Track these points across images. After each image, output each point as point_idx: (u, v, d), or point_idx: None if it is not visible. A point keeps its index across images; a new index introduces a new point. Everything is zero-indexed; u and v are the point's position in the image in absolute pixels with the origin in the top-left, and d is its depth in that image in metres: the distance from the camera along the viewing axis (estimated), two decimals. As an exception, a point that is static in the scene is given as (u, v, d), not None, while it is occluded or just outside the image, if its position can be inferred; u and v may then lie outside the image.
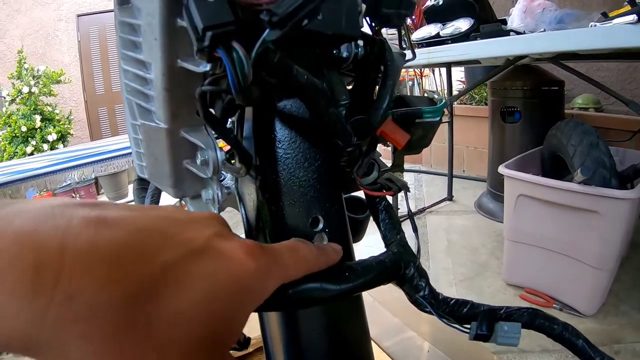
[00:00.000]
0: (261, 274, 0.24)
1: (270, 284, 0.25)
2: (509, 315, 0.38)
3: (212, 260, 0.22)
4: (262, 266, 0.24)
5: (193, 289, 0.20)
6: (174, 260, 0.20)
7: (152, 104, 0.31)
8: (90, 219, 0.19)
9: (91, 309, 0.17)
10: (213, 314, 0.21)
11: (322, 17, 0.27)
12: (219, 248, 0.23)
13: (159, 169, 0.34)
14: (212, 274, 0.21)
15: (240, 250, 0.23)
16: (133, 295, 0.18)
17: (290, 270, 0.27)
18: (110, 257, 0.18)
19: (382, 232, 0.40)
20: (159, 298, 0.19)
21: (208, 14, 0.22)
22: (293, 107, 0.35)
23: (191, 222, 0.23)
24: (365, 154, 0.37)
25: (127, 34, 0.32)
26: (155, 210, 0.23)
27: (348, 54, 0.36)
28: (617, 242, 1.47)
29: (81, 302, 0.17)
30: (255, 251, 0.24)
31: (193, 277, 0.20)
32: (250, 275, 0.23)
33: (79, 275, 0.17)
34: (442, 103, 0.40)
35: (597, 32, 1.38)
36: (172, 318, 0.19)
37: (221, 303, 0.21)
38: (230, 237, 0.24)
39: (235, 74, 0.23)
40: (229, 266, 0.22)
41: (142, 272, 0.19)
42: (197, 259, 0.21)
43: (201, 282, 0.20)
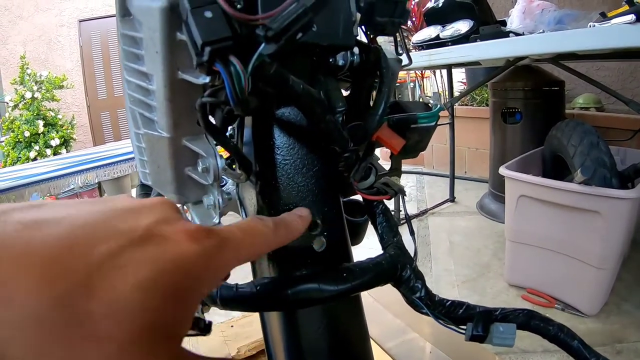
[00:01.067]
0: (206, 258, 0.23)
1: (219, 268, 0.24)
2: (504, 316, 0.38)
3: (151, 247, 0.21)
4: (207, 250, 0.23)
5: (129, 278, 0.19)
6: (111, 252, 0.19)
7: (154, 113, 0.32)
8: (26, 222, 0.19)
9: (26, 312, 0.17)
10: (152, 302, 0.20)
11: (316, 28, 0.28)
12: (161, 234, 0.22)
13: (162, 176, 0.35)
14: (151, 260, 0.20)
15: (183, 234, 0.22)
16: (68, 293, 0.18)
17: (243, 250, 0.26)
18: (44, 258, 0.18)
19: (380, 235, 0.41)
20: (93, 292, 0.18)
21: (206, 30, 0.23)
22: (291, 114, 0.36)
23: (134, 211, 0.23)
24: (362, 159, 0.38)
25: (130, 46, 0.33)
26: (97, 204, 0.23)
27: (344, 62, 0.37)
28: (619, 242, 1.47)
29: (16, 306, 0.17)
30: (200, 234, 0.23)
31: (130, 266, 0.20)
32: (193, 260, 0.22)
33: (13, 280, 0.17)
34: (437, 108, 0.41)
35: (596, 33, 1.39)
36: (108, 310, 0.18)
37: (161, 290, 0.20)
38: (174, 222, 0.23)
39: (233, 87, 0.24)
40: (169, 251, 0.21)
41: (76, 269, 0.18)
42: (135, 247, 0.20)
43: (139, 270, 0.20)
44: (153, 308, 0.20)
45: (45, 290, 0.17)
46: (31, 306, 0.17)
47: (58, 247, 0.18)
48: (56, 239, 0.19)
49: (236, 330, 1.13)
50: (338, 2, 0.31)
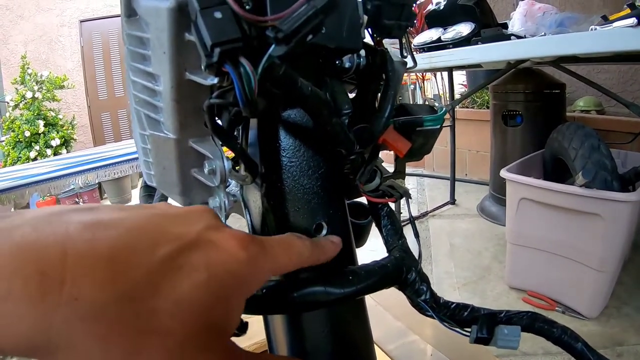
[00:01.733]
0: (252, 263, 0.24)
1: (261, 273, 0.26)
2: (508, 318, 0.38)
3: (204, 252, 0.23)
4: (252, 256, 0.24)
5: (188, 280, 0.21)
6: (169, 254, 0.21)
7: (160, 115, 0.32)
8: (86, 223, 0.20)
9: (95, 307, 0.18)
10: (208, 302, 0.21)
11: (325, 30, 0.28)
12: (211, 239, 0.23)
13: (167, 178, 0.35)
14: (206, 264, 0.22)
15: (232, 240, 0.24)
16: (132, 290, 0.19)
17: (280, 262, 0.28)
18: (109, 257, 0.19)
19: (385, 238, 0.41)
20: (156, 291, 0.20)
21: (216, 31, 0.23)
22: (297, 116, 0.36)
23: (183, 217, 0.24)
24: (368, 162, 0.38)
25: (136, 46, 0.32)
26: (147, 209, 0.24)
27: (350, 65, 0.37)
28: (619, 245, 1.47)
29: (85, 302, 0.18)
30: (246, 241, 0.25)
31: (187, 268, 0.21)
32: (241, 265, 0.24)
33: (81, 277, 0.18)
34: (443, 111, 0.41)
35: (597, 36, 1.39)
36: (170, 308, 0.20)
37: (215, 291, 0.22)
38: (222, 229, 0.25)
39: (242, 89, 0.23)
40: (221, 256, 0.23)
41: (139, 269, 0.20)
42: (190, 251, 0.22)
43: (195, 273, 0.21)
44: (209, 307, 0.22)
45: (111, 287, 0.19)
46: (99, 301, 0.18)
47: (120, 247, 0.20)
48: (117, 239, 0.20)
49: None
50: (346, 5, 0.31)
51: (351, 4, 0.32)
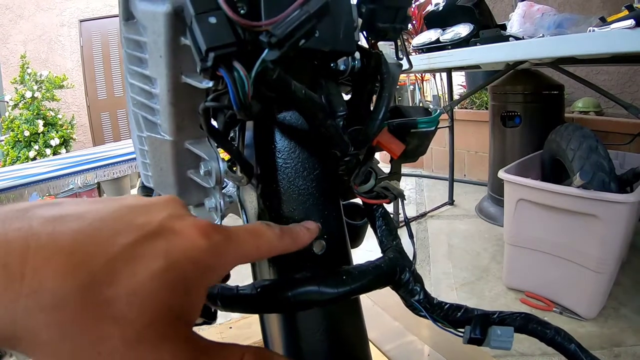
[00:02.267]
0: (214, 250, 0.24)
1: (225, 261, 0.26)
2: (502, 319, 0.38)
3: (165, 240, 0.23)
4: (215, 244, 0.25)
5: (146, 268, 0.21)
6: (129, 244, 0.21)
7: (157, 117, 0.32)
8: (49, 217, 0.21)
9: (55, 297, 0.19)
10: (167, 290, 0.22)
11: (319, 34, 0.28)
12: (173, 228, 0.24)
13: (164, 179, 0.35)
14: (165, 252, 0.22)
15: (193, 229, 0.24)
16: (91, 280, 0.20)
17: (247, 249, 0.28)
18: (69, 248, 0.20)
19: (379, 238, 0.41)
20: (115, 280, 0.20)
21: (211, 36, 0.24)
22: (292, 118, 0.36)
23: (147, 207, 0.25)
24: (362, 163, 0.38)
25: (133, 50, 0.33)
26: (113, 201, 0.24)
27: (345, 67, 0.37)
28: (617, 246, 1.48)
29: (46, 292, 0.19)
30: (209, 229, 0.25)
31: (146, 257, 0.21)
32: (202, 252, 0.24)
33: (42, 268, 0.19)
34: (437, 113, 0.41)
35: (595, 37, 1.40)
36: (128, 297, 0.20)
37: (174, 279, 0.22)
38: (184, 218, 0.25)
39: (236, 92, 0.24)
40: (181, 244, 0.23)
41: (98, 258, 0.20)
42: (150, 240, 0.22)
43: (154, 261, 0.22)
44: (168, 296, 0.22)
45: (71, 277, 0.19)
46: (59, 291, 0.19)
47: (81, 238, 0.20)
48: (78, 231, 0.21)
49: (235, 331, 1.13)
50: (340, 9, 0.31)
51: (345, 8, 0.32)
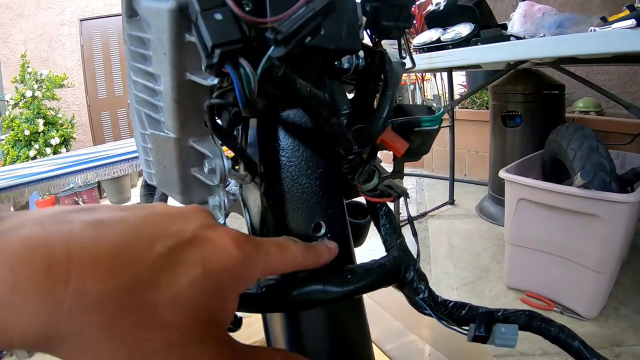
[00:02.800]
0: (245, 261, 0.25)
1: (254, 271, 0.27)
2: (506, 317, 0.38)
3: (200, 248, 0.24)
4: (246, 254, 0.26)
5: (185, 275, 0.22)
6: (167, 251, 0.22)
7: (161, 114, 0.32)
8: (89, 222, 0.21)
9: (99, 299, 0.19)
10: (205, 296, 0.23)
11: (324, 32, 0.28)
12: (207, 237, 0.24)
13: (168, 177, 0.35)
14: (202, 260, 0.23)
15: (227, 238, 0.25)
16: (133, 284, 0.20)
17: (273, 263, 0.29)
18: (111, 252, 0.20)
19: (383, 237, 0.41)
20: (156, 285, 0.21)
21: (216, 32, 0.24)
22: (296, 116, 0.36)
23: (180, 216, 0.25)
24: (366, 162, 0.38)
25: (137, 46, 0.33)
26: (146, 209, 0.25)
27: (349, 65, 0.37)
28: (618, 246, 1.48)
29: (90, 294, 0.19)
30: (241, 240, 0.26)
31: (185, 264, 0.22)
32: (235, 261, 0.25)
33: (86, 270, 0.19)
34: (440, 112, 0.41)
35: (597, 37, 1.39)
36: (169, 302, 0.21)
37: (211, 286, 0.23)
38: (217, 227, 0.26)
39: (242, 89, 0.24)
40: (216, 253, 0.24)
41: (139, 263, 0.21)
42: (187, 248, 0.23)
43: (192, 268, 0.22)
44: (206, 301, 0.23)
45: (115, 279, 0.20)
46: (104, 293, 0.19)
47: (122, 243, 0.21)
48: (119, 236, 0.21)
49: (237, 330, 1.12)
50: (344, 6, 0.31)
51: (350, 6, 0.32)
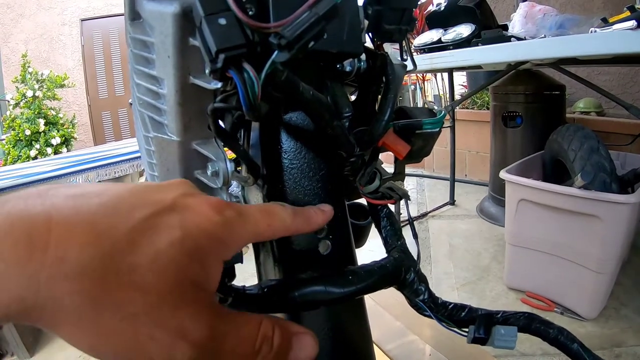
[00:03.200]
0: (227, 225, 0.25)
1: (238, 236, 0.26)
2: (506, 319, 0.39)
3: (180, 214, 0.24)
4: (228, 219, 0.25)
5: (164, 237, 0.22)
6: (146, 216, 0.22)
7: (164, 117, 0.33)
8: (69, 194, 0.22)
9: (78, 265, 0.20)
10: (185, 259, 0.23)
11: (326, 36, 0.29)
12: (187, 204, 0.25)
13: (171, 179, 0.36)
14: (181, 225, 0.23)
15: (206, 204, 0.25)
16: (112, 249, 0.21)
17: (260, 227, 0.28)
18: (90, 220, 0.21)
19: (384, 238, 0.41)
20: (135, 248, 0.21)
21: (221, 37, 0.24)
22: (298, 119, 0.36)
23: (160, 187, 0.26)
24: (368, 164, 0.38)
25: (140, 50, 0.33)
26: (126, 185, 0.25)
27: (351, 68, 0.37)
28: (618, 246, 1.48)
29: (70, 261, 0.19)
30: (221, 206, 0.26)
31: (164, 228, 0.23)
32: (216, 226, 0.25)
33: (65, 238, 0.20)
34: (442, 114, 0.42)
35: (597, 38, 1.39)
36: (148, 264, 0.21)
37: (191, 249, 0.23)
38: (197, 195, 0.26)
39: (246, 93, 0.24)
40: (196, 218, 0.24)
41: (118, 229, 0.21)
42: (166, 213, 0.23)
43: (171, 231, 0.23)
44: (186, 263, 0.23)
45: (94, 246, 0.20)
46: (83, 260, 0.20)
47: (102, 211, 0.22)
48: (99, 205, 0.22)
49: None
50: (347, 10, 0.31)
51: (352, 10, 0.32)
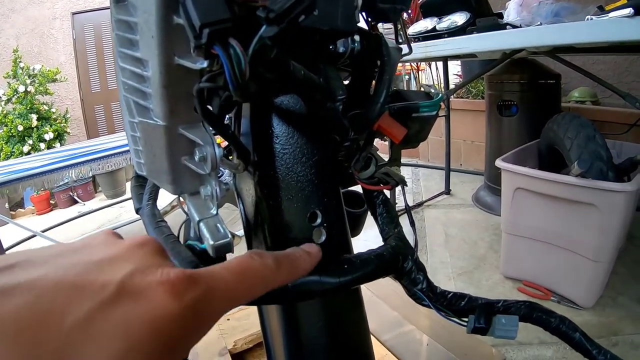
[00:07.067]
0: (188, 314, 0.20)
1: (209, 318, 0.22)
2: (506, 308, 0.38)
3: (124, 308, 0.19)
4: (189, 305, 0.21)
5: (103, 348, 0.18)
6: (83, 318, 0.18)
7: (149, 101, 0.31)
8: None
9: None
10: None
11: (318, 12, 0.27)
12: (134, 290, 0.20)
13: (157, 166, 0.34)
14: (124, 327, 0.18)
15: (160, 287, 0.20)
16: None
17: (237, 294, 0.24)
18: (14, 331, 0.16)
19: (380, 226, 0.40)
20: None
21: (205, 11, 0.22)
22: (290, 102, 0.35)
23: (108, 262, 0.21)
24: (363, 149, 0.37)
25: (124, 31, 0.32)
26: (72, 256, 0.21)
27: (345, 49, 0.36)
28: (614, 235, 1.47)
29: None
30: (181, 286, 0.21)
31: (102, 335, 0.18)
32: (172, 320, 0.20)
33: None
34: (439, 97, 0.40)
35: (593, 26, 1.38)
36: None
37: (137, 357, 0.18)
38: (150, 271, 0.21)
39: (232, 71, 0.23)
40: (144, 312, 0.19)
41: (48, 340, 0.17)
42: (108, 308, 0.19)
43: (112, 340, 0.18)
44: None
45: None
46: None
47: (27, 318, 0.17)
48: (25, 308, 0.17)
49: (232, 323, 1.12)
50: (340, -14, 0.30)
51: None
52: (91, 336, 0.18)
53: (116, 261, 0.21)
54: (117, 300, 0.19)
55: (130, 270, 0.21)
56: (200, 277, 0.22)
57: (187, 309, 0.20)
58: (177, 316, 0.20)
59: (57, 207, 4.44)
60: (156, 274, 0.21)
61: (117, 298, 0.19)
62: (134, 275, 0.20)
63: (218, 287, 0.23)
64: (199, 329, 0.21)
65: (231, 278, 0.24)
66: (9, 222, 2.89)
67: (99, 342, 0.18)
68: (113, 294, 0.19)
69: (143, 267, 0.21)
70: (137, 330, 0.19)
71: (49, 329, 0.17)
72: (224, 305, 0.23)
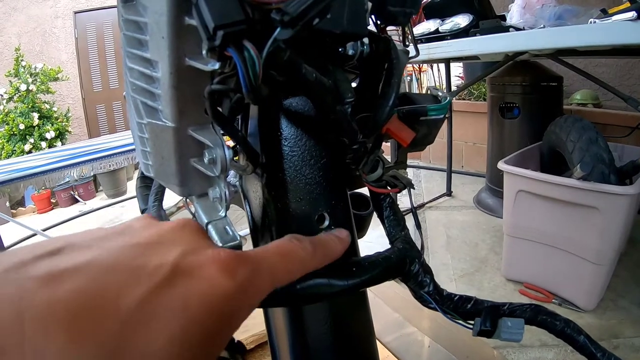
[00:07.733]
0: (241, 292, 0.21)
1: (255, 298, 0.23)
2: (512, 311, 0.38)
3: (182, 287, 0.20)
4: (241, 283, 0.22)
5: (162, 330, 0.18)
6: (138, 302, 0.18)
7: (158, 102, 0.31)
8: (42, 277, 0.17)
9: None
10: (188, 350, 0.19)
11: (330, 15, 0.27)
12: (189, 268, 0.21)
13: (166, 168, 0.34)
14: (183, 307, 0.19)
15: (214, 267, 0.21)
16: (99, 350, 0.16)
17: (279, 276, 0.25)
18: (70, 315, 0.16)
19: (387, 229, 0.40)
20: (127, 345, 0.17)
21: (219, 13, 0.22)
22: (299, 104, 0.35)
23: (158, 244, 0.22)
24: (371, 152, 0.37)
25: (133, 31, 0.31)
26: (117, 239, 0.22)
27: (354, 52, 0.36)
28: (616, 238, 1.48)
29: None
30: (232, 265, 0.22)
31: (161, 315, 0.18)
32: (227, 297, 0.21)
33: (41, 343, 0.16)
34: (447, 100, 0.40)
35: (596, 29, 1.39)
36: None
37: (196, 338, 0.19)
38: (201, 251, 0.22)
39: (247, 73, 0.23)
40: (202, 291, 0.20)
41: (106, 324, 0.17)
42: (165, 291, 0.19)
43: (170, 319, 0.19)
44: (190, 355, 0.19)
45: (77, 351, 0.16)
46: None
47: (82, 301, 0.17)
48: (78, 292, 0.17)
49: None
50: (351, -11, 0.30)
51: None
52: (151, 316, 0.18)
53: (164, 243, 0.22)
54: (173, 280, 0.20)
55: (182, 251, 0.22)
56: (248, 256, 0.23)
57: (239, 288, 0.21)
58: (231, 293, 0.21)
59: (58, 206, 4.44)
60: (207, 253, 0.22)
61: (172, 278, 0.20)
62: (185, 255, 0.21)
63: (263, 267, 0.24)
64: (248, 307, 0.23)
65: (274, 259, 0.25)
66: (9, 221, 2.90)
67: (159, 321, 0.18)
68: (168, 275, 0.20)
69: (191, 248, 0.22)
70: (195, 308, 0.20)
71: (106, 313, 0.17)
72: (267, 285, 0.24)
